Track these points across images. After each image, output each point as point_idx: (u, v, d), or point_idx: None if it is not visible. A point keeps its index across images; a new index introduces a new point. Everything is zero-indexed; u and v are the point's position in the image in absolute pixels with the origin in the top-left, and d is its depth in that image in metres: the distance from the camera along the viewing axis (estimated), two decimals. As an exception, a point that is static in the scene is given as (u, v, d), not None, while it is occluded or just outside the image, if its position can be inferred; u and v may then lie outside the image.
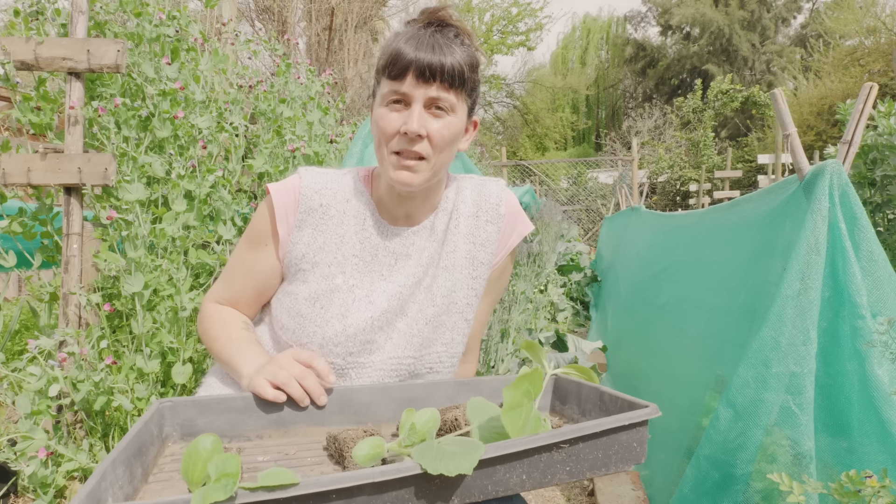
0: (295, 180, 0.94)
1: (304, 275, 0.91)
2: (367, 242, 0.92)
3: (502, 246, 0.99)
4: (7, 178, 1.73)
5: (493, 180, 1.02)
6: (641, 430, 0.63)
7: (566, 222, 6.28)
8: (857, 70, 13.26)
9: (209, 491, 0.44)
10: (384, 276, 0.92)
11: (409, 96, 0.84)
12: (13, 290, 3.37)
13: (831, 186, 1.10)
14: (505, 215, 0.98)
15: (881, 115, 2.22)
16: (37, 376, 1.56)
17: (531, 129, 22.17)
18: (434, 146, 0.85)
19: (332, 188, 0.93)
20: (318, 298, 0.89)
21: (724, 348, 1.39)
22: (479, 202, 0.98)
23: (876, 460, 1.02)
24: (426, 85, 0.82)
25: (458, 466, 0.50)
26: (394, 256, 0.93)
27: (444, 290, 0.94)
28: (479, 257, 0.96)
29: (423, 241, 0.95)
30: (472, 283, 0.96)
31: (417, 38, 0.83)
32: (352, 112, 7.49)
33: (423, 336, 0.92)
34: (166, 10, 2.03)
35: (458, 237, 0.95)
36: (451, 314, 0.95)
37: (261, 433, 0.78)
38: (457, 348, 0.96)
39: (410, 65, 0.81)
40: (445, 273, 0.94)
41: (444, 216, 0.96)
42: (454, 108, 0.86)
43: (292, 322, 0.90)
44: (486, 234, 0.97)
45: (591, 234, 11.41)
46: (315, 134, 2.46)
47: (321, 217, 0.91)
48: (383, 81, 0.86)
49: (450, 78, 0.83)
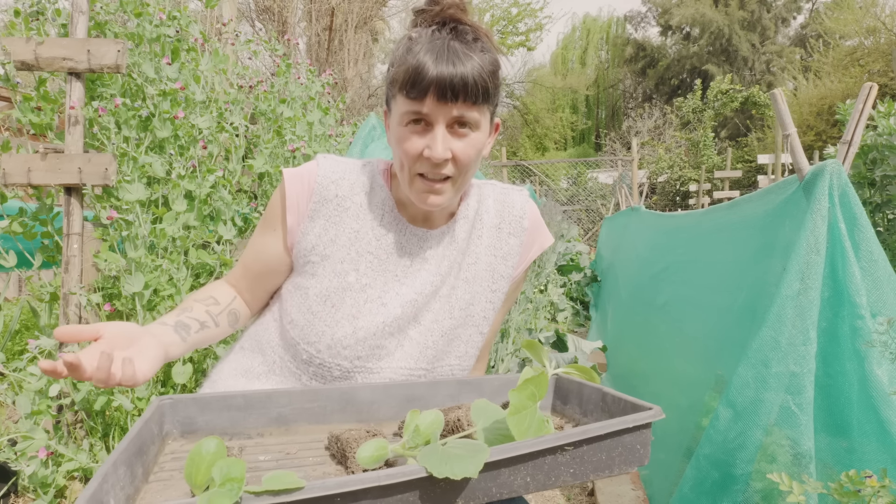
0: (312, 167, 0.89)
1: (314, 267, 0.87)
2: (384, 240, 0.89)
3: (523, 259, 0.97)
4: (7, 178, 1.73)
5: (516, 190, 0.98)
6: (645, 433, 0.63)
7: (566, 222, 6.27)
8: (857, 70, 13.28)
9: (214, 496, 0.44)
10: (398, 278, 0.89)
11: (430, 118, 0.78)
12: (13, 290, 3.37)
13: (831, 186, 1.11)
14: (528, 228, 0.95)
15: (881, 116, 2.22)
16: (37, 376, 1.56)
17: (531, 130, 22.18)
18: (459, 166, 0.81)
19: (349, 178, 0.89)
20: (329, 296, 0.86)
21: (724, 348, 1.39)
22: (502, 213, 0.95)
23: (875, 460, 1.02)
24: (448, 105, 0.77)
25: (464, 470, 0.50)
26: (410, 258, 0.90)
27: (462, 302, 0.91)
28: (500, 270, 0.93)
29: (444, 248, 0.91)
30: (491, 296, 0.93)
31: (436, 49, 0.76)
32: (352, 112, 7.48)
33: (437, 348, 0.89)
34: (166, 10, 2.03)
35: (480, 248, 0.92)
36: (468, 327, 0.92)
37: (262, 431, 0.78)
38: (469, 361, 0.94)
39: (431, 85, 0.75)
40: (465, 285, 0.91)
41: (466, 224, 0.93)
42: (478, 123, 0.81)
43: (302, 319, 0.87)
44: (508, 248, 0.94)
45: (591, 234, 11.42)
46: (315, 134, 2.46)
47: (335, 208, 0.88)
48: (400, 98, 0.80)
49: (473, 95, 0.77)
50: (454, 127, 0.80)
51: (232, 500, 0.44)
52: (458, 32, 0.79)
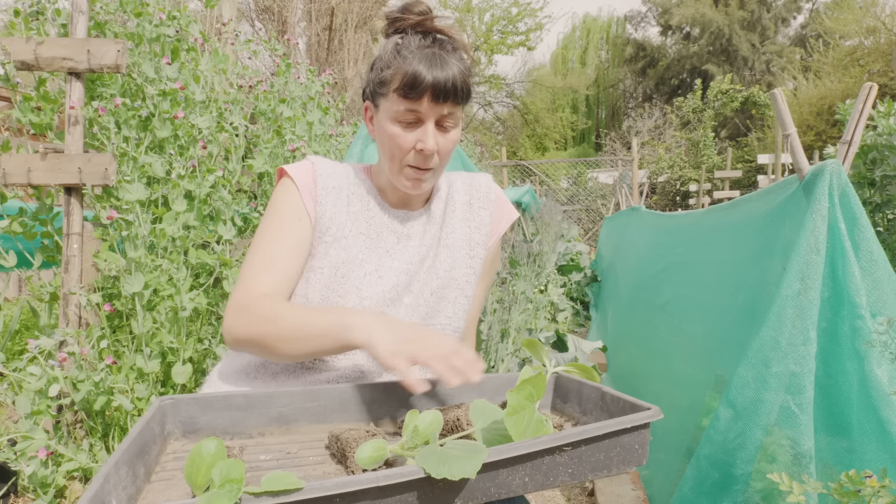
0: (308, 164, 1.01)
1: (326, 247, 0.96)
2: (373, 222, 1.01)
3: (495, 229, 1.09)
4: (7, 178, 1.73)
5: (480, 174, 1.13)
6: (643, 433, 0.63)
7: (566, 222, 6.28)
8: (857, 70, 13.28)
9: (214, 496, 0.44)
10: (390, 254, 1.00)
11: (423, 115, 0.91)
12: (13, 290, 3.37)
13: (831, 186, 1.11)
14: (494, 201, 1.09)
15: (881, 115, 2.22)
16: (37, 376, 1.56)
17: (531, 129, 22.18)
18: (442, 158, 0.96)
19: (339, 172, 1.02)
20: (338, 268, 0.95)
21: (724, 348, 1.39)
22: (470, 192, 1.08)
23: (875, 460, 1.02)
24: (440, 105, 0.90)
25: (462, 470, 0.50)
26: (396, 236, 1.02)
27: (445, 265, 1.02)
28: (475, 238, 1.06)
29: (424, 225, 1.04)
30: (470, 261, 1.05)
31: (428, 59, 0.88)
32: (352, 112, 7.49)
33: (428, 306, 0.99)
34: (166, 10, 2.03)
35: (455, 221, 1.05)
36: (452, 289, 1.02)
37: (262, 431, 0.78)
38: (458, 322, 1.03)
39: (428, 88, 0.88)
40: (446, 251, 1.03)
41: (440, 203, 1.06)
42: (458, 121, 0.95)
43: (318, 295, 0.94)
44: (479, 219, 1.07)
45: (591, 234, 11.42)
46: (315, 134, 2.46)
47: (335, 197, 0.98)
48: (394, 97, 0.91)
49: (460, 96, 0.91)
50: (441, 123, 0.93)
51: (231, 500, 0.45)
52: (440, 43, 0.93)
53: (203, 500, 0.45)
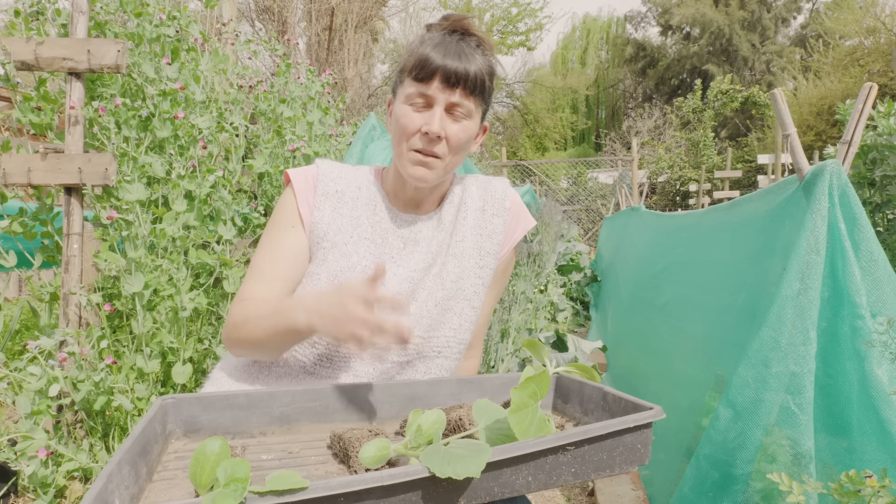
0: (312, 168, 1.00)
1: (324, 253, 0.95)
2: (378, 226, 0.98)
3: (508, 238, 1.04)
4: (7, 178, 1.73)
5: (497, 179, 1.07)
6: (646, 432, 0.63)
7: (566, 222, 6.28)
8: (857, 70, 13.28)
9: (219, 496, 0.44)
10: (394, 259, 0.97)
11: (432, 99, 0.90)
12: (13, 290, 3.37)
13: (831, 186, 1.11)
14: (510, 209, 1.04)
15: (881, 116, 2.23)
16: (37, 376, 1.56)
17: (531, 130, 22.17)
18: (450, 147, 0.92)
19: (346, 177, 1.01)
20: (336, 275, 0.93)
21: (724, 348, 1.40)
22: (485, 197, 1.03)
23: (875, 460, 1.03)
24: (450, 90, 0.89)
25: (466, 470, 0.50)
26: (402, 241, 0.99)
27: (452, 275, 0.98)
28: (486, 247, 1.01)
29: (433, 230, 1.01)
30: (479, 271, 1.00)
31: (445, 45, 0.89)
32: (352, 112, 7.48)
33: (432, 318, 0.95)
34: (166, 10, 2.03)
35: (465, 228, 1.00)
36: (459, 300, 0.98)
37: (264, 430, 0.78)
38: (464, 335, 0.99)
39: (438, 70, 0.88)
40: (454, 260, 0.99)
41: (452, 209, 1.02)
42: (471, 113, 0.93)
43: None
44: (492, 227, 1.01)
45: (591, 234, 11.42)
46: (315, 134, 2.46)
47: (337, 202, 0.97)
48: (408, 82, 0.91)
49: (472, 86, 0.90)
50: (451, 111, 0.91)
51: (236, 500, 0.45)
52: (465, 38, 0.93)
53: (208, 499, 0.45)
